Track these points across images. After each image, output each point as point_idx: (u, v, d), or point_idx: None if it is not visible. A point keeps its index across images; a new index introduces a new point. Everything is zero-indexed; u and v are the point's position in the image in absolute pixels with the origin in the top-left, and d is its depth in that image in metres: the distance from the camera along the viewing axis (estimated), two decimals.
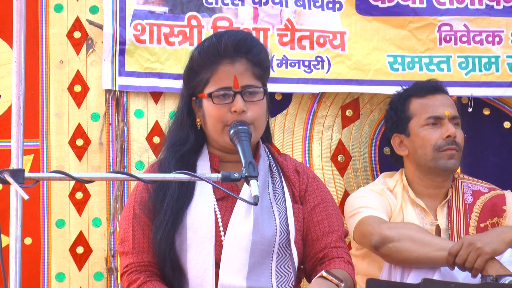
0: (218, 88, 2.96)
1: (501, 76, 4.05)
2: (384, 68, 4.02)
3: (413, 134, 3.73)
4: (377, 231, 3.48)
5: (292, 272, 3.00)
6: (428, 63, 4.04)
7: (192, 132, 3.05)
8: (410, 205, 3.71)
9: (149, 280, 2.94)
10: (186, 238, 2.94)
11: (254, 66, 3.00)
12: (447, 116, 3.70)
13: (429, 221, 3.70)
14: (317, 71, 3.99)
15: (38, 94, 3.87)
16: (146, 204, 2.99)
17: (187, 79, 3.05)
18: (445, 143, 3.68)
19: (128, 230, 3.00)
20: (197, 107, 3.04)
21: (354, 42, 4.01)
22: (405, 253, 3.41)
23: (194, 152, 3.05)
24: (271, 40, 3.97)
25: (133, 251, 2.97)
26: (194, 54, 3.01)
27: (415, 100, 3.76)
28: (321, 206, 3.08)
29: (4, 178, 2.22)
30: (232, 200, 3.00)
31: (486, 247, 3.34)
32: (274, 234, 2.95)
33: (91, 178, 2.45)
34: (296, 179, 3.11)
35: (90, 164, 3.90)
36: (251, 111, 2.96)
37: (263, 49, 3.03)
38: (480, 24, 4.05)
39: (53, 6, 3.90)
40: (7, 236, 2.26)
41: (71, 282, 3.87)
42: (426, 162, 3.70)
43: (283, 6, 3.98)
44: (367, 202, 3.64)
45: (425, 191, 3.75)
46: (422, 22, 4.04)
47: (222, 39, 2.97)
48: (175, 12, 3.93)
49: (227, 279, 2.91)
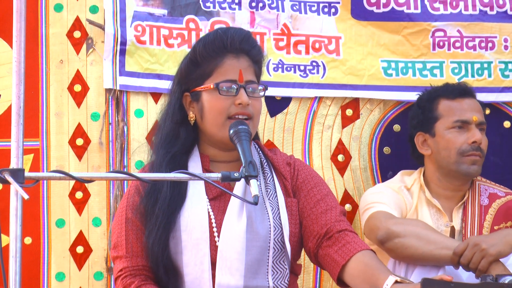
0: (224, 80, 2.98)
1: (493, 82, 4.07)
2: (378, 73, 4.03)
3: (438, 135, 3.74)
4: (384, 226, 3.50)
5: (287, 268, 3.01)
6: (422, 68, 4.06)
7: (183, 129, 3.05)
8: (425, 205, 3.73)
9: (143, 284, 2.94)
10: (180, 241, 2.94)
11: (254, 63, 3.05)
12: (475, 122, 3.71)
13: (444, 222, 3.71)
14: (313, 76, 4.01)
15: (38, 94, 3.87)
16: (138, 208, 2.99)
17: (185, 72, 3.05)
18: (469, 148, 3.68)
19: (121, 235, 3.00)
20: (192, 102, 3.04)
21: (349, 47, 4.03)
22: (410, 249, 3.42)
23: (185, 153, 3.04)
24: (268, 45, 3.98)
25: (126, 255, 2.98)
26: (198, 46, 3.02)
27: (444, 102, 3.77)
28: (315, 190, 3.09)
29: (4, 177, 2.22)
30: (225, 199, 3.01)
31: (491, 248, 3.35)
32: (268, 230, 2.96)
33: (91, 178, 2.45)
34: (288, 172, 3.11)
35: (90, 163, 3.90)
36: (252, 106, 2.99)
37: (262, 49, 3.10)
38: (474, 29, 4.07)
39: (53, 6, 3.89)
40: (7, 235, 2.26)
41: (71, 282, 3.87)
42: (449, 165, 3.71)
43: (279, 11, 3.99)
44: (380, 198, 3.66)
45: (442, 192, 3.75)
46: (416, 28, 4.06)
47: (229, 33, 3.01)
48: (174, 15, 3.94)
49: (224, 279, 2.92)
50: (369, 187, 4.03)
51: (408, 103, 4.08)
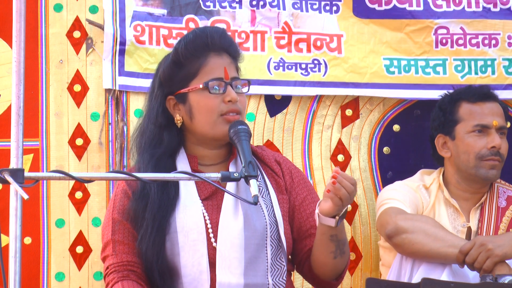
0: (211, 79, 2.98)
1: (497, 79, 4.05)
2: (380, 71, 4.02)
3: (458, 138, 3.74)
4: (393, 221, 3.53)
5: (285, 265, 3.02)
6: (424, 66, 4.05)
7: (167, 133, 3.04)
8: (443, 204, 3.73)
9: (121, 280, 2.94)
10: (177, 242, 2.94)
11: (234, 60, 3.07)
12: (495, 126, 3.70)
13: (461, 222, 3.71)
14: (314, 74, 4.00)
15: (37, 94, 3.87)
16: (127, 211, 2.99)
17: (168, 75, 3.03)
18: (488, 153, 3.68)
19: (108, 236, 3.00)
20: (178, 104, 3.03)
21: (350, 45, 4.02)
22: (417, 246, 3.44)
23: (170, 156, 3.03)
24: (269, 43, 3.98)
25: (113, 253, 2.98)
26: (180, 47, 3.01)
27: (465, 105, 3.76)
28: (309, 198, 3.12)
29: (4, 177, 2.22)
30: (217, 198, 3.01)
31: (497, 249, 3.36)
32: (264, 227, 2.97)
33: (90, 178, 2.46)
34: (279, 169, 3.13)
35: (90, 163, 3.90)
36: (239, 102, 3.01)
37: (237, 45, 3.11)
38: (477, 26, 4.06)
39: (53, 6, 3.89)
40: (7, 235, 2.26)
41: (70, 282, 3.87)
42: (467, 169, 3.71)
43: (280, 9, 3.99)
44: (396, 194, 3.68)
45: (460, 194, 3.76)
46: (419, 25, 4.05)
47: (207, 32, 3.03)
48: (174, 15, 3.93)
49: (224, 278, 2.92)
50: (369, 187, 4.04)
51: (408, 103, 4.08)
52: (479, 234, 3.67)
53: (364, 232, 4.04)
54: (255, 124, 4.00)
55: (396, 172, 4.01)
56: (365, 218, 4.04)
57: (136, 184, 3.00)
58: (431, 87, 4.03)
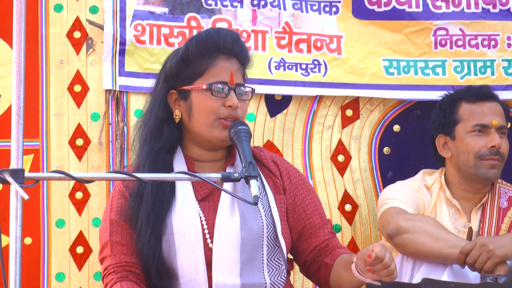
0: (216, 81, 2.98)
1: (496, 80, 4.06)
2: (379, 72, 4.03)
3: (458, 138, 3.74)
4: (394, 221, 3.53)
5: (283, 264, 3.03)
6: (424, 67, 4.05)
7: (167, 127, 3.04)
8: (445, 204, 3.73)
9: (119, 280, 2.94)
10: (173, 243, 2.95)
11: (242, 66, 3.07)
12: (494, 126, 3.70)
13: (462, 222, 3.71)
14: (314, 75, 4.00)
15: (38, 94, 3.87)
16: (124, 211, 3.00)
17: (175, 71, 3.03)
18: (488, 153, 3.68)
19: (106, 237, 3.01)
20: (178, 100, 3.04)
21: (350, 46, 4.02)
22: (417, 246, 3.45)
23: (168, 151, 3.04)
24: (269, 43, 3.98)
25: (111, 254, 2.98)
26: (191, 45, 3.01)
27: (465, 105, 3.76)
28: (309, 198, 3.14)
29: (4, 178, 2.22)
30: (213, 199, 3.02)
31: (498, 250, 3.36)
32: (261, 227, 2.97)
33: (91, 178, 2.45)
34: (276, 170, 3.14)
35: (90, 164, 3.90)
36: (240, 109, 3.01)
37: (249, 53, 3.11)
38: (476, 28, 4.06)
39: (53, 6, 3.90)
40: (7, 236, 2.26)
41: (71, 282, 3.87)
42: (468, 169, 3.71)
43: (281, 9, 3.99)
44: (397, 194, 3.68)
45: (462, 194, 3.76)
46: (418, 27, 4.05)
47: (221, 34, 3.02)
48: (175, 13, 3.93)
49: (221, 278, 2.92)
50: (369, 187, 4.04)
51: (408, 103, 4.08)
52: (480, 234, 3.67)
53: (364, 232, 4.04)
54: (255, 124, 4.00)
55: (396, 172, 4.01)
56: (365, 218, 4.04)
57: (133, 184, 3.00)
58: (430, 88, 4.03)
